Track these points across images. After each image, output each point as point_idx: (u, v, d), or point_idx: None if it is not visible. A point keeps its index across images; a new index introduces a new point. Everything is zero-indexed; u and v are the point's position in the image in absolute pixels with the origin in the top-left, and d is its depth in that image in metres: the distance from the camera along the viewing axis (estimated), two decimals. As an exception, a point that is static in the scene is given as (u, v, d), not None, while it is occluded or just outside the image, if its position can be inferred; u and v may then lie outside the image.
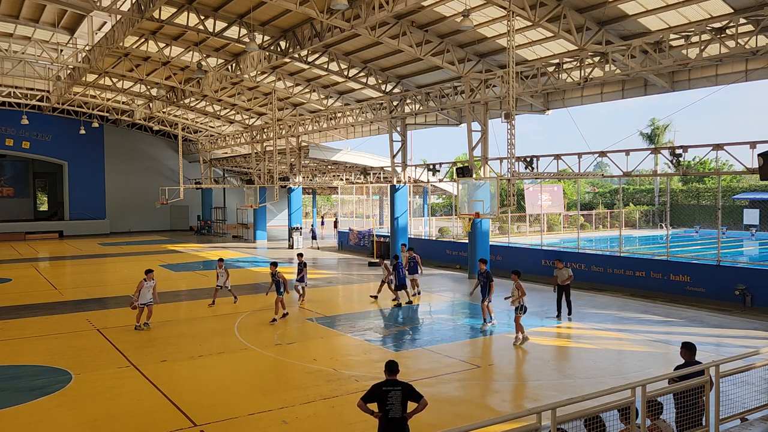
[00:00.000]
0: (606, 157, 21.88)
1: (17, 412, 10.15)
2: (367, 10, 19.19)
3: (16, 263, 31.32)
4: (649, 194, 52.30)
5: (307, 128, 35.02)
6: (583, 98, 24.16)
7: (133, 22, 22.32)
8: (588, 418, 6.42)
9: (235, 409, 10.14)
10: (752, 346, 12.50)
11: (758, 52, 16.35)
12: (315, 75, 30.20)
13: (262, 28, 24.06)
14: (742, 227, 38.70)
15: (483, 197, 20.46)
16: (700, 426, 7.52)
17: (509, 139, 19.13)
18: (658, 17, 18.19)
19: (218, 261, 20.10)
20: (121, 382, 11.60)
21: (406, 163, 29.75)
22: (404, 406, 7.18)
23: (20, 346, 14.49)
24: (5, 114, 44.82)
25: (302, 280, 19.05)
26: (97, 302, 20.24)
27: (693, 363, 7.95)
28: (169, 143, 53.54)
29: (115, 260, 32.37)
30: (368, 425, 8.07)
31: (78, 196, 49.72)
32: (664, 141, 52.15)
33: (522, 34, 20.73)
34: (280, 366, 12.77)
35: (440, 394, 10.78)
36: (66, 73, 34.23)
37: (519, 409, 9.79)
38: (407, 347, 14.31)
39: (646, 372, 11.25)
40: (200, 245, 40.17)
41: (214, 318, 17.49)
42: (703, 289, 19.15)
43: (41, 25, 27.45)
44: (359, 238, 35.93)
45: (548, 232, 39.02)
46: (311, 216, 65.86)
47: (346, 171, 39.80)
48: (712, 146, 18.49)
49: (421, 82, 27.75)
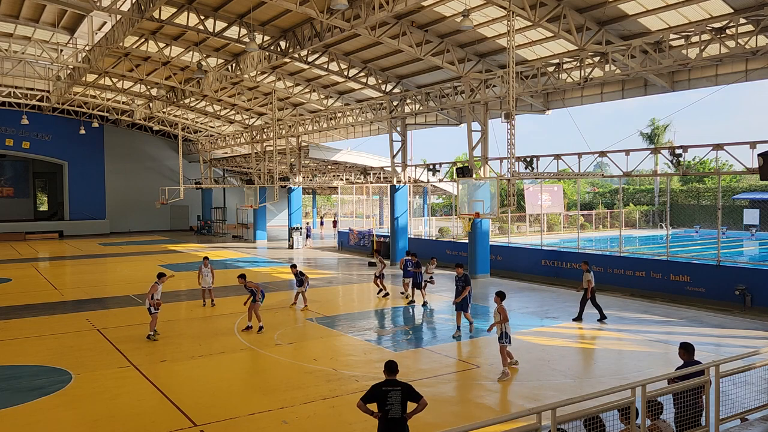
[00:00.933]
0: (606, 157, 21.90)
1: (17, 412, 10.15)
2: (367, 10, 19.19)
3: (16, 263, 31.32)
4: (649, 194, 52.29)
5: (307, 128, 35.02)
6: (583, 98, 24.17)
7: (133, 22, 22.32)
8: (588, 418, 6.42)
9: (235, 409, 10.14)
10: (752, 346, 12.50)
11: (758, 52, 16.35)
12: (315, 75, 30.20)
13: (262, 28, 24.06)
14: (742, 227, 38.70)
15: (483, 197, 20.47)
16: (700, 426, 7.52)
17: (509, 139, 19.13)
18: (658, 17, 18.20)
19: (204, 259, 19.58)
20: (121, 382, 11.60)
21: (406, 163, 29.74)
22: (404, 406, 7.17)
23: (20, 346, 14.48)
24: (5, 114, 44.82)
25: (302, 284, 18.80)
26: (97, 302, 20.24)
27: (692, 363, 7.95)
28: (169, 143, 53.54)
29: (115, 260, 32.37)
30: (368, 425, 8.07)
31: (78, 196, 49.73)
32: (664, 141, 52.14)
33: (522, 34, 20.73)
34: (281, 366, 12.77)
35: (440, 394, 10.78)
36: (66, 73, 34.22)
37: (519, 409, 9.78)
38: (407, 347, 14.31)
39: (646, 372, 11.26)
40: (200, 245, 40.17)
41: (214, 318, 17.49)
42: (703, 289, 19.15)
43: (41, 25, 27.46)
44: (359, 238, 35.92)
45: (548, 232, 39.02)
46: (311, 216, 65.90)
47: (346, 171, 39.82)
48: (712, 146, 18.50)
49: (421, 82, 27.75)
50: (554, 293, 20.77)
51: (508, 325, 11.94)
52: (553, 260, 24.66)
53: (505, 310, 11.92)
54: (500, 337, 11.86)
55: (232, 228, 49.95)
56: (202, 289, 19.20)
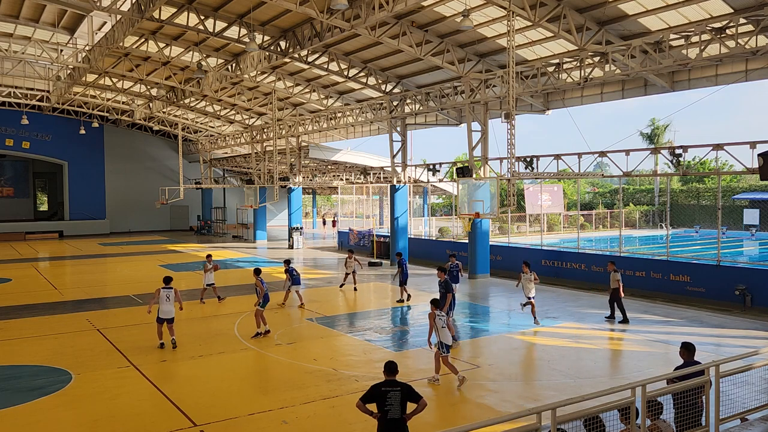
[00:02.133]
0: (606, 157, 21.89)
1: (17, 412, 10.15)
2: (367, 10, 19.19)
3: (16, 263, 31.31)
4: (649, 194, 52.28)
5: (307, 128, 35.02)
6: (583, 98, 24.17)
7: (133, 22, 22.32)
8: (588, 418, 6.42)
9: (235, 409, 10.14)
10: (752, 346, 12.50)
11: (758, 52, 16.35)
12: (315, 75, 30.20)
13: (262, 28, 24.06)
14: (742, 227, 38.68)
15: (483, 197, 20.47)
16: (700, 426, 7.52)
17: (509, 139, 19.13)
18: (658, 17, 18.19)
19: (207, 257, 19.89)
20: (121, 382, 11.60)
21: (406, 163, 29.74)
22: (403, 406, 7.17)
23: (20, 346, 14.48)
24: (5, 114, 44.82)
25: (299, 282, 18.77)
26: (97, 302, 20.24)
27: (692, 363, 7.95)
28: (169, 143, 53.54)
29: (115, 260, 32.37)
30: (368, 425, 8.07)
31: (78, 196, 49.72)
32: (664, 141, 52.13)
33: (522, 34, 20.73)
34: (281, 366, 12.77)
35: (440, 394, 10.79)
36: (66, 73, 34.22)
37: (519, 409, 9.77)
38: (407, 347, 14.31)
39: (646, 372, 11.25)
40: (200, 245, 40.16)
41: (214, 318, 17.49)
42: (703, 289, 19.15)
43: (41, 25, 27.46)
44: (359, 238, 35.93)
45: (548, 232, 39.01)
46: (311, 216, 65.90)
47: (346, 171, 39.82)
48: (712, 146, 18.49)
49: (421, 82, 27.75)
50: (554, 293, 20.77)
51: (446, 334, 11.12)
52: (553, 260, 24.66)
53: (432, 317, 11.20)
54: (439, 346, 11.14)
55: (232, 228, 49.96)
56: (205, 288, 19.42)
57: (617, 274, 16.54)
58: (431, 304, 11.45)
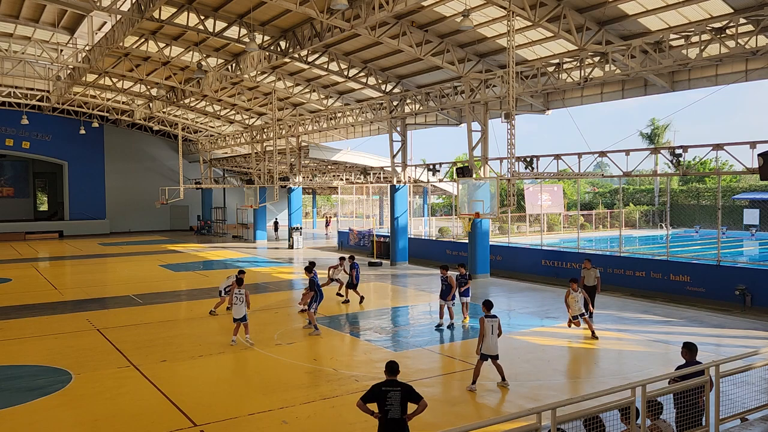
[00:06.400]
0: (606, 157, 21.88)
1: (17, 412, 10.15)
2: (367, 10, 19.19)
3: (16, 263, 31.31)
4: (649, 194, 52.28)
5: (307, 128, 35.01)
6: (583, 98, 24.17)
7: (133, 22, 22.31)
8: (588, 418, 6.42)
9: (235, 409, 10.14)
10: (752, 346, 12.50)
11: (758, 52, 16.35)
12: (315, 75, 30.20)
13: (262, 28, 24.06)
14: (742, 227, 38.67)
15: (483, 197, 20.46)
16: (700, 426, 7.53)
17: (509, 139, 19.13)
18: (658, 17, 18.19)
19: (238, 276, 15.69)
20: (121, 382, 11.60)
21: (406, 163, 29.74)
22: (404, 407, 7.17)
23: (20, 346, 14.48)
24: (5, 114, 44.80)
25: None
26: (97, 302, 20.23)
27: (694, 363, 7.96)
28: (169, 143, 53.53)
29: (115, 260, 32.36)
30: (368, 425, 8.07)
31: (78, 196, 49.70)
32: (664, 141, 52.14)
33: (522, 34, 20.73)
34: (280, 366, 12.77)
35: (440, 394, 10.79)
36: (66, 73, 34.22)
37: (519, 409, 9.78)
38: (407, 347, 14.31)
39: (646, 372, 11.24)
40: (200, 245, 40.16)
41: (214, 318, 17.48)
42: (703, 289, 19.15)
43: (41, 25, 27.45)
44: (359, 238, 35.93)
45: (548, 232, 39.00)
46: (311, 216, 65.88)
47: (346, 171, 39.78)
48: (712, 146, 18.49)
49: (421, 82, 27.75)
50: (554, 293, 20.76)
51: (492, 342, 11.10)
52: (553, 260, 24.67)
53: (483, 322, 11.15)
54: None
55: (232, 228, 49.95)
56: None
57: (596, 271, 16.78)
58: (483, 306, 11.53)
